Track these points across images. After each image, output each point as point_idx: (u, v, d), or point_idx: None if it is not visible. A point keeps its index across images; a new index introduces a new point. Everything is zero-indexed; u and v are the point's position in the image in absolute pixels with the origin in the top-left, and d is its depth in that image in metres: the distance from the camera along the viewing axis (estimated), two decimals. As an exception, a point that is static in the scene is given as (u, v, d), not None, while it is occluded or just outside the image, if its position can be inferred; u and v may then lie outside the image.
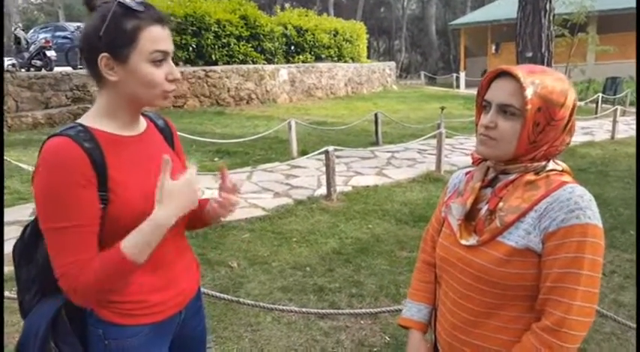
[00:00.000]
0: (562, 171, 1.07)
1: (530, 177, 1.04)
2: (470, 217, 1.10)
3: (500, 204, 1.04)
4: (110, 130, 1.07)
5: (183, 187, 1.02)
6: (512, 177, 1.06)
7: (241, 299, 2.30)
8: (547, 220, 0.98)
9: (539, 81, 1.00)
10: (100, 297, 1.04)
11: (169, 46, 1.06)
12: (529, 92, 0.98)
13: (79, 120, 1.07)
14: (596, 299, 0.98)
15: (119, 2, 1.01)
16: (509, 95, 1.01)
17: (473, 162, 1.16)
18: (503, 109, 1.02)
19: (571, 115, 1.04)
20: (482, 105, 1.09)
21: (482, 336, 1.07)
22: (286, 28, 14.45)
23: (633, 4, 19.47)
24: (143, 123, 1.17)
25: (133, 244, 0.99)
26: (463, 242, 1.08)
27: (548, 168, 1.06)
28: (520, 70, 1.01)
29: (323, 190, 5.27)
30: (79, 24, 15.71)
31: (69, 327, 1.08)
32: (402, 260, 3.67)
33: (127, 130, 1.11)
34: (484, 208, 1.08)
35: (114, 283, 1.02)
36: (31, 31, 16.34)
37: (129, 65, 1.02)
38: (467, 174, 1.21)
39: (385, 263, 3.63)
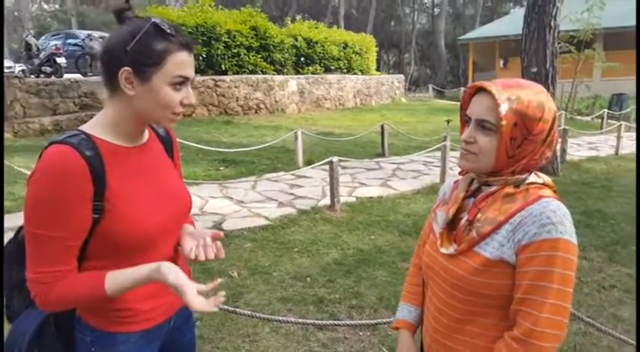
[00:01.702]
0: (543, 184, 1.09)
1: (510, 189, 1.07)
2: (451, 226, 1.14)
3: (479, 215, 1.07)
4: (113, 140, 1.08)
5: (193, 300, 1.01)
6: (493, 188, 1.09)
7: (239, 310, 2.31)
8: (520, 233, 1.01)
9: (515, 96, 1.02)
10: (60, 310, 1.06)
11: (191, 73, 1.08)
12: (503, 108, 1.01)
13: (82, 128, 1.08)
14: (567, 312, 0.99)
15: (154, 22, 1.03)
16: (486, 111, 1.04)
17: (459, 173, 1.20)
18: (481, 124, 1.05)
19: (551, 128, 1.05)
20: (465, 120, 1.12)
21: (461, 341, 1.11)
22: (296, 40, 14.59)
23: None
24: (146, 134, 1.18)
25: (120, 280, 1.03)
26: (443, 250, 1.12)
27: (528, 181, 1.08)
28: (495, 86, 1.03)
29: (327, 200, 5.30)
30: (90, 32, 15.98)
31: (56, 335, 1.09)
32: (403, 271, 3.68)
33: (130, 141, 1.12)
34: (464, 218, 1.11)
35: (76, 303, 1.05)
36: (43, 37, 16.60)
37: (150, 84, 1.03)
38: (454, 183, 1.24)
39: (386, 274, 3.64)
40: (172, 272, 1.02)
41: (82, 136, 1.03)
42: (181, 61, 1.05)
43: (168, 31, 1.04)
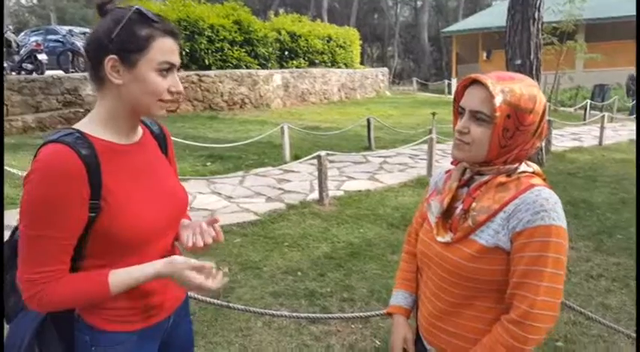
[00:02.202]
0: (533, 172, 1.13)
1: (502, 178, 1.10)
2: (447, 215, 1.17)
3: (474, 204, 1.10)
4: (108, 138, 1.07)
5: (187, 275, 1.04)
6: (486, 178, 1.13)
7: (232, 304, 2.30)
8: (515, 221, 1.05)
9: (508, 88, 1.05)
10: (56, 309, 1.04)
11: (177, 59, 1.08)
12: (498, 100, 1.04)
13: (76, 126, 1.07)
14: (560, 294, 1.04)
15: (137, 9, 1.03)
16: (480, 102, 1.07)
17: (452, 163, 1.22)
18: (475, 116, 1.08)
19: (541, 120, 1.09)
20: (458, 112, 1.15)
21: (458, 324, 1.14)
22: (280, 34, 14.50)
23: (620, 13, 19.89)
24: (140, 131, 1.17)
25: (125, 278, 1.03)
26: (439, 239, 1.15)
27: (519, 171, 1.12)
28: (489, 79, 1.06)
29: (315, 195, 5.30)
30: (70, 27, 15.65)
31: (56, 335, 1.08)
32: (393, 264, 3.70)
33: (125, 138, 1.11)
34: (459, 207, 1.14)
35: (79, 304, 1.04)
36: (22, 33, 16.21)
37: (136, 71, 1.03)
38: (446, 173, 1.27)
39: (376, 267, 3.65)
40: (170, 265, 1.05)
41: (76, 135, 1.02)
42: (166, 47, 1.05)
43: (152, 17, 1.04)
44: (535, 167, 1.15)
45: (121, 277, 1.02)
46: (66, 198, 0.96)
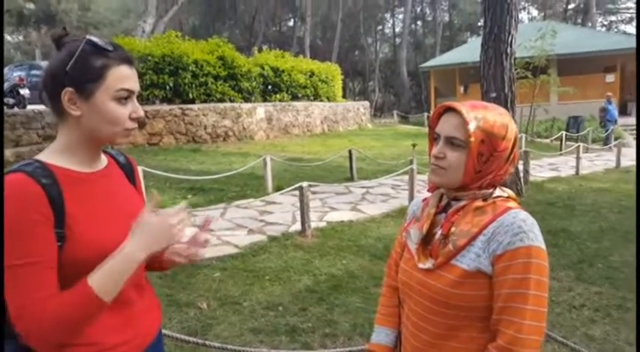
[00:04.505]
0: (508, 197, 1.16)
1: (479, 203, 1.12)
2: (426, 242, 1.17)
3: (453, 228, 1.11)
4: (69, 166, 1.05)
5: (161, 222, 1.00)
6: (462, 203, 1.14)
7: (208, 342, 2.22)
8: (495, 243, 1.06)
9: (482, 116, 1.09)
10: (61, 340, 0.97)
11: (135, 86, 1.08)
12: (472, 126, 1.07)
13: (36, 157, 1.05)
14: (544, 317, 1.04)
15: (89, 40, 1.03)
16: (455, 128, 1.10)
17: (428, 190, 1.24)
18: (451, 141, 1.11)
19: (513, 147, 1.12)
20: (433, 138, 1.17)
21: None
22: (263, 69, 14.71)
23: (588, 48, 20.83)
24: (104, 160, 1.16)
25: (100, 277, 0.96)
26: (420, 265, 1.14)
27: (495, 195, 1.14)
28: (463, 106, 1.10)
29: (298, 226, 5.25)
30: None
31: None
32: (376, 297, 3.63)
33: (87, 167, 1.09)
34: (438, 232, 1.14)
35: (76, 324, 0.96)
36: (6, 68, 16.18)
37: (93, 101, 1.03)
38: (424, 200, 1.28)
39: (359, 300, 3.59)
40: (133, 239, 1.01)
41: (36, 164, 1.01)
42: (122, 75, 1.05)
43: (105, 46, 1.04)
44: (509, 192, 1.17)
45: (98, 276, 0.97)
46: (30, 222, 0.94)
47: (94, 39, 1.04)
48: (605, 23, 40.15)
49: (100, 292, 0.96)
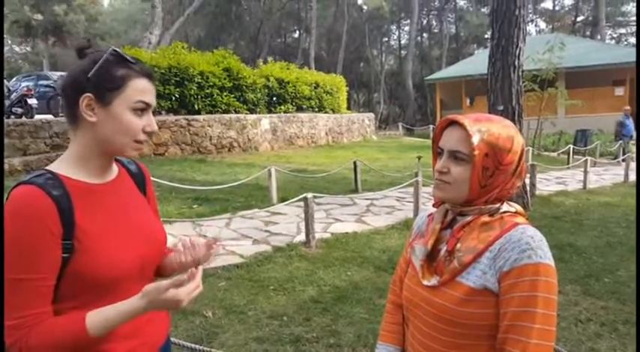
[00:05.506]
0: (515, 212, 1.12)
1: (485, 218, 1.09)
2: (431, 258, 1.14)
3: (458, 244, 1.08)
4: (80, 178, 1.06)
5: (173, 297, 0.99)
6: (468, 218, 1.10)
7: (213, 350, 2.22)
8: (501, 260, 1.02)
9: (486, 128, 1.06)
10: None
11: (152, 100, 1.10)
12: (475, 139, 1.04)
13: (48, 167, 1.06)
14: (553, 336, 1.00)
15: (113, 50, 1.06)
16: (458, 142, 1.07)
17: (434, 205, 1.21)
18: (454, 155, 1.08)
19: (520, 160, 1.09)
20: (437, 153, 1.15)
21: None
22: (268, 80, 14.82)
23: (597, 61, 20.81)
24: (115, 170, 1.17)
25: (101, 319, 0.98)
26: (425, 282, 1.11)
27: (502, 210, 1.10)
28: (467, 119, 1.08)
29: (302, 237, 5.25)
30: (62, 73, 15.85)
31: None
32: (380, 308, 3.62)
33: (98, 178, 1.10)
34: (443, 249, 1.11)
35: (61, 349, 0.99)
36: (14, 79, 16.41)
37: (111, 109, 1.04)
38: (429, 216, 1.25)
39: (363, 311, 3.58)
40: (143, 299, 1.00)
41: (47, 175, 1.02)
42: (142, 87, 1.07)
43: (129, 58, 1.07)
44: (517, 207, 1.13)
45: (97, 319, 0.98)
46: (37, 238, 0.95)
47: (119, 50, 1.07)
48: (615, 36, 40.08)
49: (95, 332, 0.98)
